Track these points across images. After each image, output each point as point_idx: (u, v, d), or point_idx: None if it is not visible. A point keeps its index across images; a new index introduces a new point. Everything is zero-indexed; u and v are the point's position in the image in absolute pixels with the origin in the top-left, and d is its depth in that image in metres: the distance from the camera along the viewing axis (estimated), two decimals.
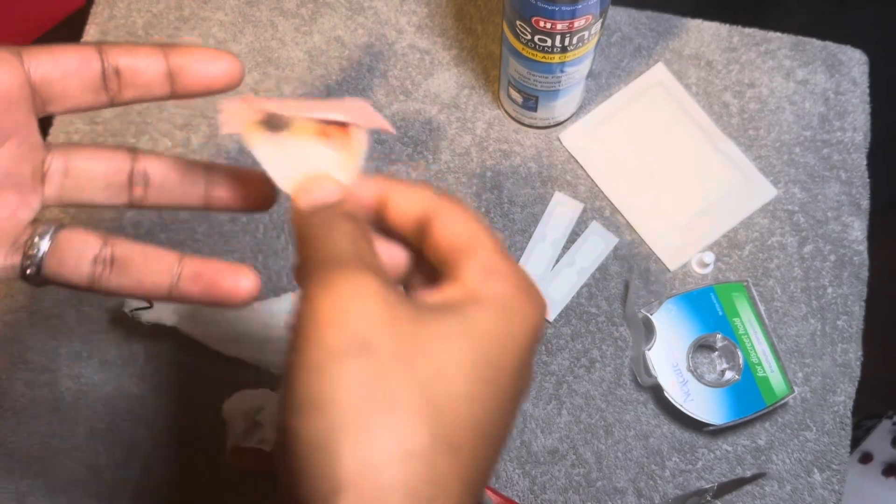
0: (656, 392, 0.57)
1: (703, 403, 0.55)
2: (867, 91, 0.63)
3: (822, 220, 0.60)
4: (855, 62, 0.63)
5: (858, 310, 0.59)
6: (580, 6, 0.46)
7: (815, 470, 0.57)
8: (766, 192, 0.61)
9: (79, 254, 0.28)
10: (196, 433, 0.58)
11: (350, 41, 0.65)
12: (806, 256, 0.60)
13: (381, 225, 0.29)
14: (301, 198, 0.28)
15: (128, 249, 0.29)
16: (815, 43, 0.64)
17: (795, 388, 0.56)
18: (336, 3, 0.65)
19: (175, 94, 0.30)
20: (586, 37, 0.50)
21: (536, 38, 0.49)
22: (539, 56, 0.51)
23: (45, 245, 0.28)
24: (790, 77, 0.63)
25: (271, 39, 0.65)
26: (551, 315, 0.59)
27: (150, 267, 0.29)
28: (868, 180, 0.61)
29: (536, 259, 0.60)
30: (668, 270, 0.60)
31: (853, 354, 0.58)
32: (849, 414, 0.58)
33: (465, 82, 0.63)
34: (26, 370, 0.59)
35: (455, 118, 0.63)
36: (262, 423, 0.53)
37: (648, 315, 0.57)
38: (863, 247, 0.60)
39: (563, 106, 0.59)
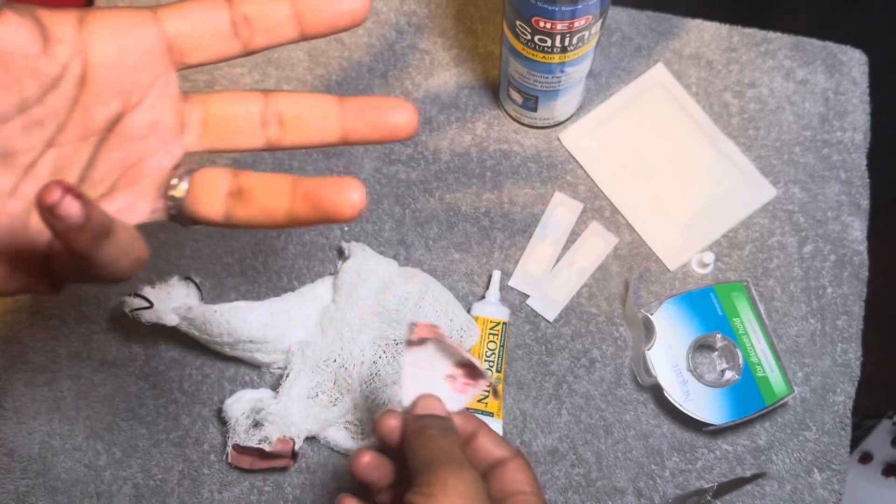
0: (656, 392, 0.57)
1: (702, 403, 0.55)
2: (867, 91, 0.63)
3: (821, 219, 0.60)
4: (855, 62, 0.63)
5: (858, 310, 0.59)
6: (580, 6, 0.46)
7: (815, 470, 0.57)
8: (765, 192, 0.61)
9: (213, 191, 0.30)
10: (196, 433, 0.58)
11: (350, 41, 0.65)
12: (806, 256, 0.60)
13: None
14: (418, 407, 0.39)
15: (251, 180, 0.30)
16: (815, 43, 0.64)
17: (795, 388, 0.56)
18: None
19: (304, 36, 0.30)
20: (586, 37, 0.50)
21: (536, 38, 0.49)
22: (539, 56, 0.51)
23: (184, 186, 0.30)
24: (790, 77, 0.63)
25: None
26: (551, 315, 0.59)
27: (270, 194, 0.29)
28: (868, 180, 0.61)
29: (536, 259, 0.60)
30: (668, 270, 0.60)
31: (853, 354, 0.58)
32: (849, 414, 0.58)
33: (465, 82, 0.63)
34: (26, 370, 0.59)
35: (455, 118, 0.63)
36: (262, 422, 0.53)
37: (648, 315, 0.57)
38: (863, 247, 0.60)
39: (563, 106, 0.59)
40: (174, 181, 0.30)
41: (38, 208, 0.22)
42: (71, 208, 0.22)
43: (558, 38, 0.49)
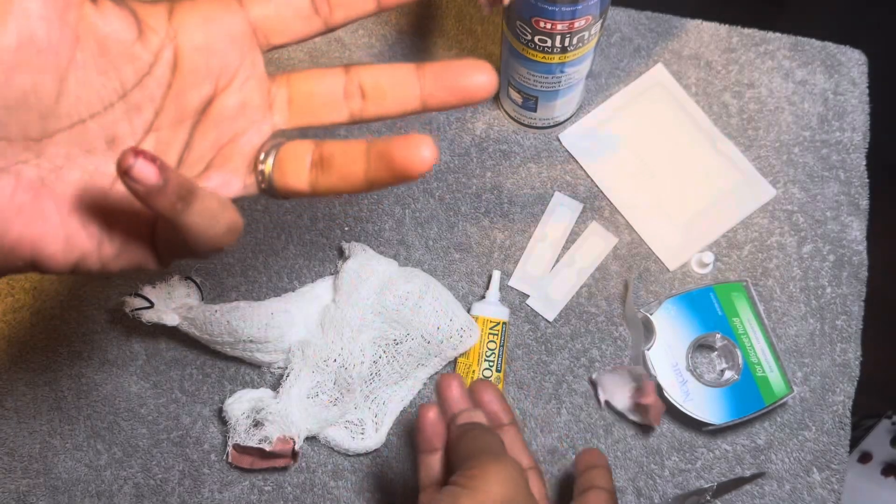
0: (656, 392, 0.57)
1: (702, 403, 0.55)
2: (866, 91, 0.63)
3: (821, 219, 0.60)
4: (854, 62, 0.63)
5: (857, 309, 0.59)
6: (580, 7, 0.46)
7: (815, 469, 0.57)
8: (765, 192, 0.61)
9: (298, 163, 0.31)
10: (196, 433, 0.58)
11: (350, 41, 0.65)
12: (805, 256, 0.60)
13: None
14: (461, 418, 0.43)
15: (331, 148, 0.31)
16: (815, 43, 0.64)
17: (794, 388, 0.57)
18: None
19: (381, 7, 0.31)
20: (586, 37, 0.50)
21: (536, 38, 0.49)
22: (539, 56, 0.51)
23: (270, 161, 0.31)
24: (789, 77, 0.63)
25: None
26: (551, 315, 0.59)
27: (347, 160, 0.30)
28: (867, 180, 0.61)
29: (536, 259, 0.60)
30: (668, 270, 0.60)
31: (852, 354, 0.58)
32: (848, 413, 0.58)
33: None
34: (27, 370, 0.59)
35: (455, 118, 0.63)
36: (263, 422, 0.53)
37: (648, 315, 0.57)
38: (862, 247, 0.60)
39: (562, 106, 0.59)
40: (262, 156, 0.31)
41: (118, 175, 0.23)
42: (145, 170, 0.23)
43: (558, 38, 0.49)
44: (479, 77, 0.31)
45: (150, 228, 0.29)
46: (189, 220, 0.26)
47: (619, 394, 0.56)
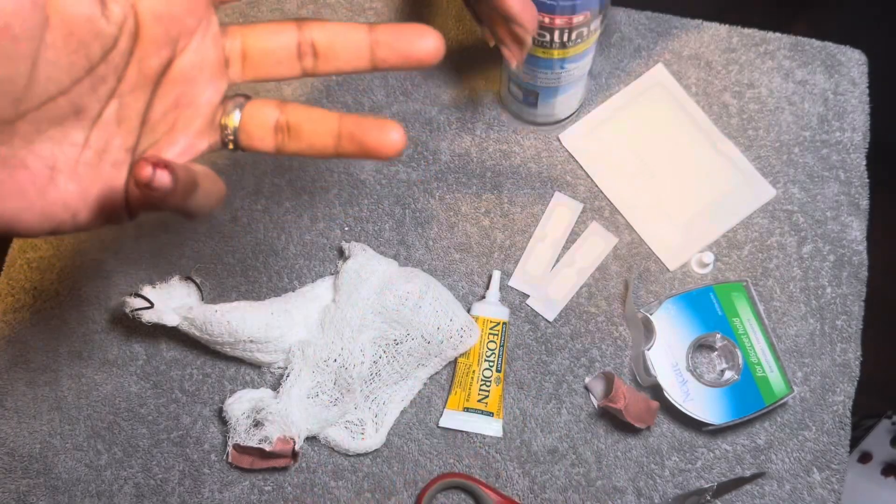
0: (656, 392, 0.57)
1: (702, 403, 0.55)
2: (866, 91, 0.63)
3: (821, 219, 0.60)
4: (854, 62, 0.63)
5: (858, 309, 0.59)
6: (579, 1, 0.46)
7: (815, 469, 0.57)
8: (765, 192, 0.61)
9: (262, 124, 0.32)
10: (196, 433, 0.58)
11: None
12: (805, 256, 0.60)
13: None
14: None
15: (298, 115, 0.32)
16: (815, 43, 0.64)
17: (794, 388, 0.57)
18: (337, 3, 0.66)
19: None
20: (586, 33, 0.50)
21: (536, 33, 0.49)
22: (539, 52, 0.51)
23: (237, 117, 0.32)
24: (789, 77, 0.63)
25: None
26: (551, 315, 0.59)
27: (317, 131, 0.32)
28: (867, 180, 0.61)
29: (536, 259, 0.60)
30: (668, 270, 0.60)
31: (852, 354, 0.58)
32: (848, 413, 0.58)
33: (465, 83, 0.63)
34: (27, 370, 0.59)
35: (455, 118, 0.63)
36: (263, 422, 0.53)
37: (648, 315, 0.57)
38: (862, 247, 0.60)
39: (563, 103, 0.59)
40: (227, 112, 0.32)
41: (136, 185, 0.25)
42: (163, 178, 0.25)
43: (557, 33, 0.49)
44: (426, 42, 0.32)
45: (124, 191, 0.31)
46: (191, 204, 0.28)
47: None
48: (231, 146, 0.33)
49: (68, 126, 0.29)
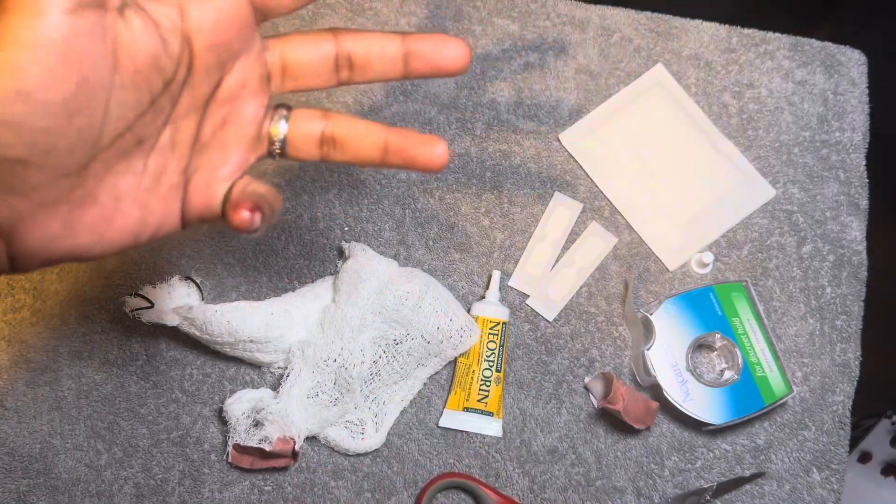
0: (656, 392, 0.57)
1: (702, 403, 0.55)
2: (866, 91, 0.63)
3: (820, 220, 0.60)
4: (854, 63, 0.63)
5: (857, 309, 0.59)
6: None
7: (814, 469, 0.57)
8: (764, 192, 0.61)
9: (309, 136, 0.33)
10: (196, 433, 0.58)
11: None
12: (805, 256, 0.60)
13: None
14: None
15: (344, 127, 0.33)
16: (814, 43, 0.64)
17: (794, 388, 0.57)
18: (337, 4, 0.66)
19: None
20: None
21: None
22: None
23: (283, 129, 0.33)
24: (789, 77, 0.63)
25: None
26: (551, 315, 0.59)
27: (363, 144, 0.33)
28: (867, 180, 0.61)
29: (536, 259, 0.60)
30: (668, 270, 0.60)
31: (852, 354, 0.58)
32: (848, 413, 0.58)
33: (465, 83, 0.63)
34: (28, 369, 0.59)
35: (455, 119, 0.63)
36: (263, 422, 0.53)
37: (648, 315, 0.57)
38: (861, 247, 0.60)
39: None
40: (274, 123, 0.33)
41: (235, 229, 0.29)
42: (256, 220, 0.29)
43: None
44: (453, 51, 0.33)
45: (180, 210, 0.32)
46: (265, 224, 0.31)
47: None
48: (278, 156, 0.34)
49: (131, 157, 0.29)
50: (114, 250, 0.30)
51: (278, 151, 0.33)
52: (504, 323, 0.57)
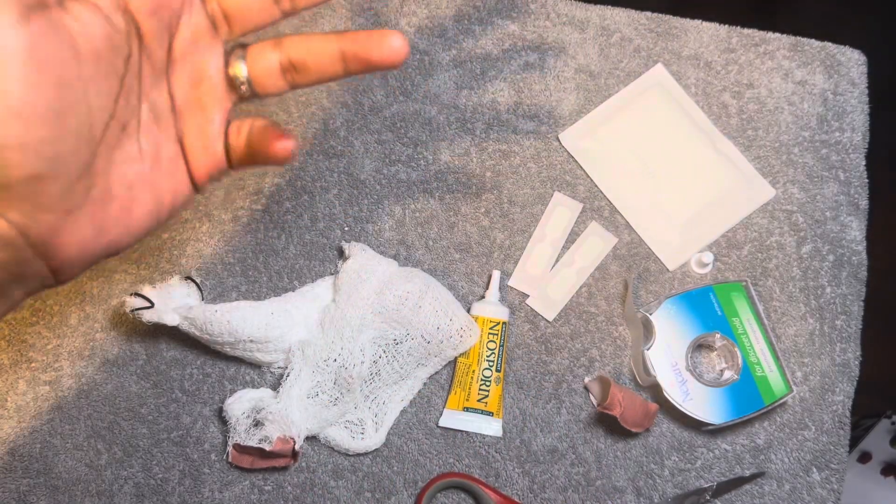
0: (655, 391, 0.57)
1: (701, 403, 0.55)
2: (866, 91, 0.63)
3: (820, 220, 0.61)
4: (854, 63, 0.63)
5: (857, 309, 0.59)
6: None
7: (814, 469, 0.57)
8: (764, 192, 0.61)
9: (269, 69, 0.34)
10: (196, 432, 0.58)
11: None
12: (804, 256, 0.60)
13: None
14: None
15: (298, 49, 0.33)
16: (814, 44, 0.64)
17: (794, 388, 0.57)
18: (337, 4, 0.66)
19: None
20: None
21: None
22: None
23: (243, 69, 0.34)
24: (789, 78, 0.63)
25: None
26: (551, 315, 0.59)
27: (322, 61, 0.33)
28: (866, 180, 0.61)
29: (536, 259, 0.60)
30: (668, 270, 0.60)
31: (852, 354, 0.58)
32: (847, 413, 0.58)
33: (465, 83, 0.64)
34: (28, 369, 0.60)
35: (454, 118, 0.63)
36: (263, 422, 0.53)
37: (647, 315, 0.57)
38: (861, 247, 0.60)
39: None
40: (232, 65, 0.34)
41: (275, 161, 0.31)
42: (291, 141, 0.31)
43: None
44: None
45: (188, 177, 0.33)
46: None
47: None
48: (248, 96, 0.34)
49: (123, 144, 0.30)
50: (141, 236, 0.31)
51: (247, 93, 0.34)
52: (504, 323, 0.57)
